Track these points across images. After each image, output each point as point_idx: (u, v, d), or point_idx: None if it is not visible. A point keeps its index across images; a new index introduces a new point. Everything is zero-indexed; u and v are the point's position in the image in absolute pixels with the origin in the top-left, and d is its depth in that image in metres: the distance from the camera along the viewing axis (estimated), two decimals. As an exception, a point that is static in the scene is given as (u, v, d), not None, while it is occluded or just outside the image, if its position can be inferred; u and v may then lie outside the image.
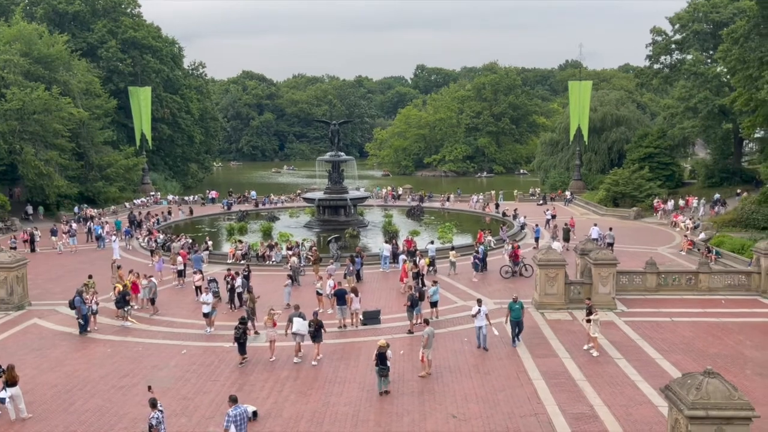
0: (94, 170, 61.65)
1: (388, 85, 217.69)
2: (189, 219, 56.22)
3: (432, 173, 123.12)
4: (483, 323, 21.51)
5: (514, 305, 22.12)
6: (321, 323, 21.11)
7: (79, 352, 22.15)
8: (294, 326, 20.74)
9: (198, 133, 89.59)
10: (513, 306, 22.10)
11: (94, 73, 67.85)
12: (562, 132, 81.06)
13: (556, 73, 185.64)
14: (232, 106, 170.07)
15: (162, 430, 14.43)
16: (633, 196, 56.47)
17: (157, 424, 14.30)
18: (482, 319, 21.50)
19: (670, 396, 12.19)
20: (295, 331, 20.70)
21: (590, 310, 21.82)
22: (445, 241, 41.29)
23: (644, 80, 69.33)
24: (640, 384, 18.61)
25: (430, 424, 16.33)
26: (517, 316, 21.98)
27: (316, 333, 20.75)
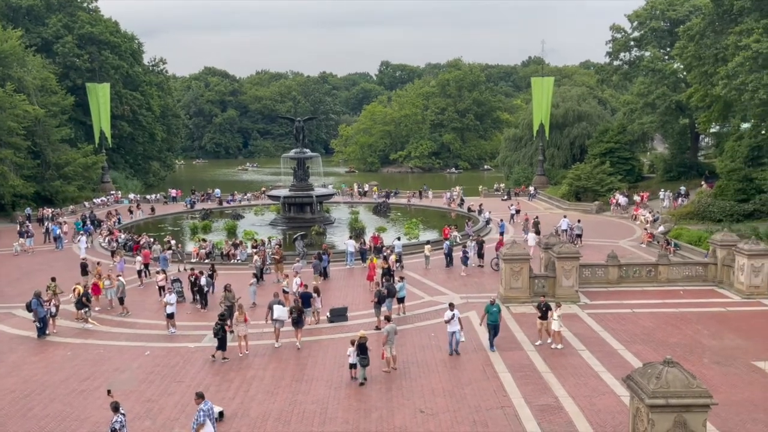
0: (51, 169, 59.93)
1: (352, 81, 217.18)
2: (151, 218, 55.16)
3: (398, 169, 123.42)
4: (456, 328, 20.53)
5: (491, 308, 21.16)
6: (302, 309, 22.21)
7: (37, 356, 21.54)
8: (275, 313, 21.65)
9: (159, 130, 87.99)
10: (490, 309, 21.15)
11: (49, 69, 65.95)
12: (526, 128, 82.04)
13: (519, 69, 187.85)
14: (194, 103, 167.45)
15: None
16: (595, 190, 57.53)
17: (120, 428, 14.01)
18: (456, 324, 20.52)
19: (631, 385, 12.46)
20: (276, 318, 21.63)
21: (548, 306, 21.52)
22: (412, 237, 41.44)
23: (604, 77, 70.59)
24: (603, 375, 18.98)
25: (398, 419, 16.37)
26: (494, 319, 21.08)
27: (298, 319, 21.78)
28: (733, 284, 27.94)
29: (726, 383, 18.18)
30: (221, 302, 23.20)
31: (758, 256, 26.81)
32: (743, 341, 21.76)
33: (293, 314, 21.87)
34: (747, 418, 16.06)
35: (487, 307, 21.35)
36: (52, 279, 27.02)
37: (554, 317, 21.21)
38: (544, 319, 21.41)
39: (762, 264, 26.82)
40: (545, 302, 21.63)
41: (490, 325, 21.11)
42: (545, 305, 21.46)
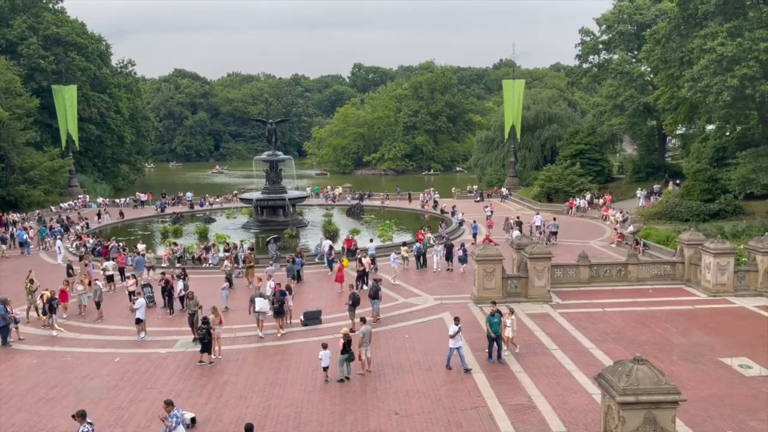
0: (16, 173, 58.55)
1: (325, 83, 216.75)
2: (120, 222, 54.20)
3: (371, 172, 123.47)
4: (461, 344, 19.61)
5: (492, 319, 20.13)
6: (283, 300, 23.25)
7: (2, 364, 20.97)
8: (257, 306, 22.76)
9: (128, 133, 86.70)
10: (492, 320, 20.10)
11: (13, 71, 64.53)
12: (498, 130, 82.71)
13: (491, 72, 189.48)
14: (164, 105, 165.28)
15: None
16: (566, 191, 58.25)
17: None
18: (460, 339, 19.60)
19: (602, 383, 12.62)
20: (258, 310, 22.72)
21: (500, 312, 20.69)
22: (386, 239, 41.43)
23: (574, 79, 71.62)
24: (575, 373, 19.20)
25: (373, 421, 16.32)
26: (496, 330, 20.09)
27: (280, 309, 23.03)
28: (700, 282, 28.51)
29: (694, 379, 18.53)
30: (183, 309, 22.70)
31: (724, 255, 27.41)
32: (710, 338, 22.21)
33: (275, 305, 23.09)
34: (714, 413, 16.39)
35: (489, 318, 20.29)
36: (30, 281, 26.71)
37: (507, 323, 20.56)
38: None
39: (727, 262, 27.42)
40: (497, 309, 20.75)
41: (489, 337, 20.13)
42: (497, 312, 20.64)
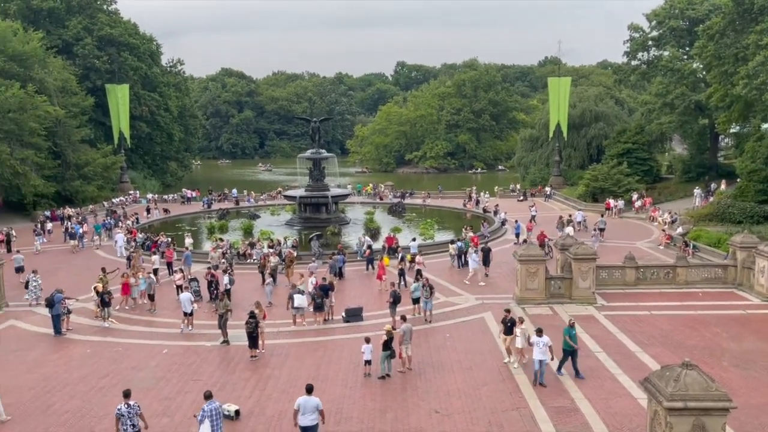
0: (72, 169, 60.71)
1: (368, 82, 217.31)
2: (168, 218, 55.63)
3: (413, 170, 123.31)
4: (545, 357, 18.27)
5: (571, 331, 18.98)
6: (327, 295, 24.05)
7: (57, 353, 21.85)
8: (295, 302, 23.52)
9: (177, 130, 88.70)
10: (570, 332, 18.94)
11: (70, 71, 66.81)
12: (542, 128, 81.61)
13: (536, 69, 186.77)
14: (211, 104, 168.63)
15: (125, 425, 14.02)
16: (612, 191, 57.03)
17: (119, 416, 14.05)
18: (544, 351, 18.27)
19: (649, 388, 12.36)
20: (297, 306, 23.55)
21: (513, 321, 20.05)
22: (427, 238, 41.41)
23: (622, 76, 69.98)
24: (620, 377, 18.84)
25: (413, 419, 16.38)
26: (575, 343, 18.98)
27: (321, 304, 23.80)
28: (753, 287, 27.57)
29: (745, 386, 17.96)
30: (216, 309, 22.99)
31: (779, 259, 26.44)
32: (764, 344, 21.47)
33: (315, 300, 23.84)
34: (767, 421, 15.86)
35: (567, 330, 19.08)
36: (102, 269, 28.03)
37: (517, 333, 19.65)
38: (509, 334, 19.93)
39: (783, 266, 26.45)
40: (510, 317, 20.15)
41: (567, 350, 18.91)
42: (510, 320, 20.00)
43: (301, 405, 14.56)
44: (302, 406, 14.53)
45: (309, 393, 14.72)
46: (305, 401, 14.57)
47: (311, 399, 14.62)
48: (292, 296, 23.88)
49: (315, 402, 14.63)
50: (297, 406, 14.63)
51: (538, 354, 18.16)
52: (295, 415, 14.65)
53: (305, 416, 14.48)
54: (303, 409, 14.52)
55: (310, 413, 14.51)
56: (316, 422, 14.60)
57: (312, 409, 14.53)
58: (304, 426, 14.55)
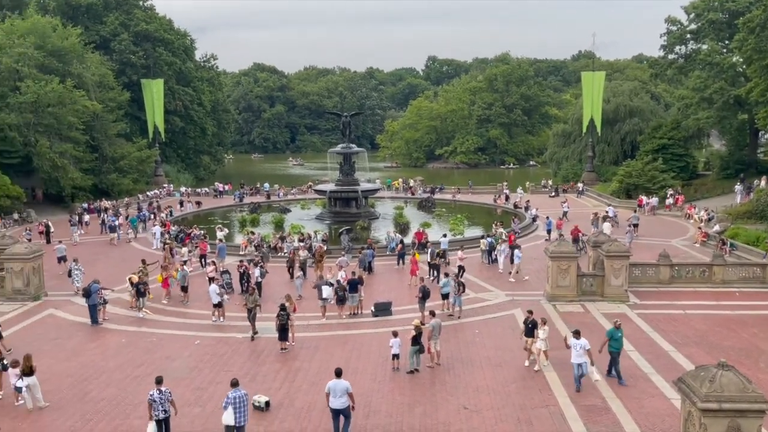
0: (108, 162, 62.09)
1: (399, 76, 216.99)
2: (201, 211, 56.48)
3: (443, 165, 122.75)
4: (583, 360, 17.67)
5: (616, 333, 18.39)
6: (346, 289, 24.53)
7: (94, 342, 22.42)
8: (324, 293, 24.23)
9: (210, 125, 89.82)
10: (615, 334, 18.38)
11: (107, 66, 68.26)
12: (575, 123, 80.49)
13: (569, 63, 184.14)
14: (243, 98, 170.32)
15: (157, 410, 14.50)
16: (646, 188, 55.99)
17: (151, 402, 14.50)
18: (582, 355, 17.69)
19: (683, 388, 12.16)
20: (325, 297, 24.17)
21: (534, 323, 19.47)
22: (457, 234, 41.25)
23: (658, 71, 68.59)
24: (653, 376, 18.55)
25: (441, 415, 16.39)
26: (618, 346, 18.35)
27: (343, 297, 24.24)
28: (793, 287, 26.84)
29: (784, 389, 17.51)
30: (245, 303, 23.14)
31: (821, 258, 25.67)
32: (803, 346, 20.90)
33: (338, 293, 24.32)
34: (806, 426, 15.44)
35: (611, 332, 18.51)
36: (142, 262, 28.81)
37: (540, 335, 19.23)
38: (530, 336, 19.48)
39: (825, 266, 25.67)
40: (532, 318, 19.70)
41: (614, 352, 18.32)
42: (531, 322, 19.56)
43: (331, 388, 15.08)
44: (332, 389, 15.04)
45: (338, 376, 15.26)
46: (335, 384, 15.07)
47: (341, 382, 15.11)
48: (320, 287, 24.43)
49: (344, 385, 15.07)
50: (327, 389, 15.18)
51: (575, 357, 17.65)
52: (327, 398, 15.20)
53: (335, 399, 15.00)
54: (333, 392, 15.02)
55: (340, 396, 14.99)
56: (347, 404, 15.08)
57: (342, 392, 15.00)
58: (335, 408, 15.03)
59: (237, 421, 14.27)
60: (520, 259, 30.67)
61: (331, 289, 24.50)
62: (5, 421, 15.75)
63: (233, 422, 14.26)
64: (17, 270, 27.14)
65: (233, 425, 14.29)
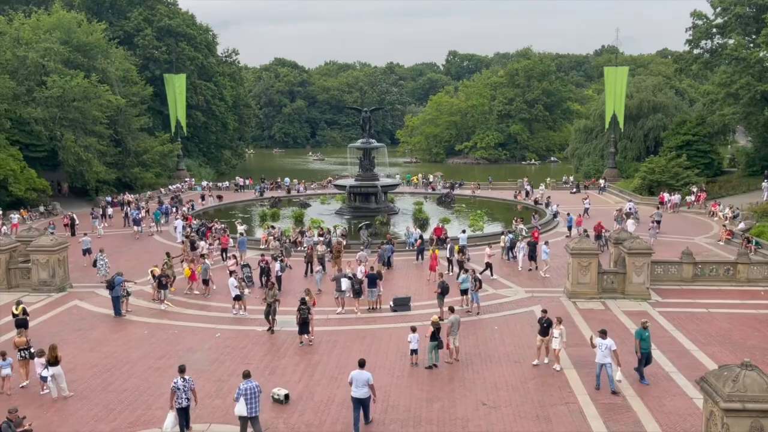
0: (131, 156, 62.84)
1: (419, 71, 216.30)
2: (221, 205, 56.97)
3: (463, 160, 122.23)
4: (608, 361, 17.38)
5: (644, 333, 18.02)
6: (362, 281, 24.74)
7: (117, 333, 22.77)
8: (342, 285, 24.49)
9: (231, 120, 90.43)
10: (644, 334, 17.99)
11: (130, 61, 69.06)
12: (597, 119, 79.66)
13: (592, 58, 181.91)
14: (264, 93, 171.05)
15: (180, 398, 14.85)
16: (669, 184, 55.24)
17: (174, 389, 14.83)
18: (607, 355, 17.38)
19: (705, 388, 12.03)
20: (344, 289, 24.47)
21: (549, 322, 19.09)
22: (476, 229, 41.11)
23: (683, 66, 67.41)
24: (674, 375, 18.36)
25: (460, 410, 16.39)
26: (647, 346, 17.98)
27: (359, 290, 24.44)
28: (820, 286, 26.33)
29: (809, 390, 17.20)
30: (265, 298, 23.17)
31: None
32: (830, 347, 20.52)
33: (355, 286, 24.52)
34: (832, 427, 15.17)
35: (639, 332, 18.13)
36: (167, 254, 29.24)
37: (555, 334, 18.86)
38: (544, 335, 19.16)
39: None
40: (547, 317, 19.31)
41: (643, 352, 17.97)
42: (546, 320, 19.20)
43: (353, 378, 15.40)
44: (354, 379, 15.36)
45: (361, 367, 15.62)
46: (357, 374, 15.42)
47: (363, 373, 15.44)
48: (338, 279, 24.76)
49: (366, 376, 15.40)
50: (350, 379, 15.52)
51: (600, 357, 17.35)
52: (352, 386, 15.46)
53: (357, 389, 15.30)
54: (355, 382, 15.34)
55: (362, 386, 15.29)
56: (368, 395, 15.36)
57: (363, 383, 15.29)
58: (356, 398, 15.30)
59: (249, 411, 14.47)
60: (548, 255, 30.35)
61: (348, 281, 24.75)
62: (31, 410, 16.09)
63: (245, 413, 14.46)
64: (43, 261, 27.65)
65: (246, 416, 14.49)
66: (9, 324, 22.69)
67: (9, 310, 23.54)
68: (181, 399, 14.89)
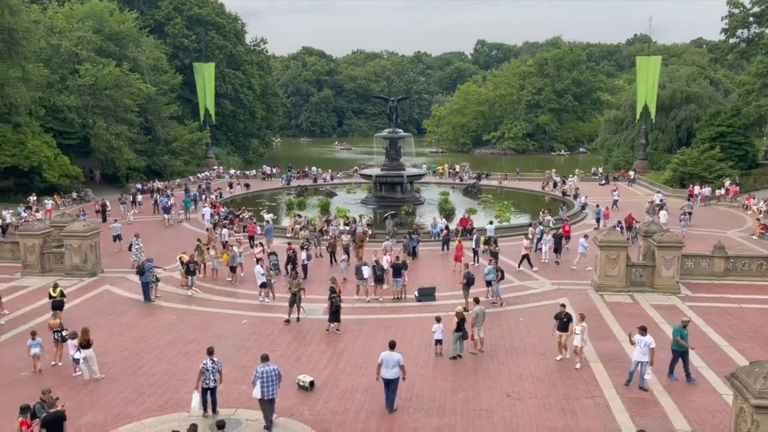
0: (161, 144, 63.73)
1: (447, 60, 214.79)
2: (248, 193, 57.49)
3: (490, 151, 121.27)
4: (645, 359, 16.94)
5: (682, 331, 17.52)
6: (384, 269, 25.29)
7: (146, 318, 23.21)
8: (364, 273, 24.71)
9: (259, 108, 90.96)
10: (682, 332, 17.49)
11: (161, 50, 69.87)
12: (628, 109, 78.30)
13: (623, 48, 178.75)
14: (292, 82, 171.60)
15: (208, 379, 15.25)
16: (702, 177, 54.14)
17: (203, 370, 15.22)
18: (646, 353, 16.93)
19: (735, 384, 11.84)
20: (366, 277, 24.69)
21: (569, 317, 18.85)
22: (503, 221, 40.85)
23: (718, 55, 65.87)
24: (704, 371, 18.07)
25: (484, 401, 16.38)
26: (682, 345, 17.50)
27: (381, 277, 24.92)
28: None
29: (844, 389, 16.78)
30: (290, 288, 23.17)
31: None
32: None
33: (376, 273, 24.89)
34: None
35: (678, 330, 17.59)
36: (198, 240, 29.72)
37: (576, 331, 18.36)
38: (564, 330, 18.73)
39: None
40: (566, 312, 18.97)
41: (678, 350, 17.50)
42: (566, 315, 18.82)
43: (384, 359, 15.70)
44: (385, 360, 15.68)
45: (392, 348, 15.97)
46: (388, 355, 15.73)
47: (393, 354, 15.78)
48: (359, 268, 25.01)
49: (396, 357, 15.73)
50: (380, 360, 15.81)
51: (638, 355, 16.90)
52: (378, 368, 15.84)
53: (388, 369, 15.65)
54: (386, 362, 15.65)
55: (392, 366, 15.64)
56: (398, 376, 15.70)
57: (394, 363, 15.63)
58: (386, 378, 15.66)
59: (265, 394, 14.71)
60: (586, 248, 29.66)
61: (370, 269, 24.97)
62: (63, 391, 16.51)
63: (261, 395, 14.71)
64: (75, 247, 28.26)
65: (262, 398, 14.75)
66: (43, 307, 23.31)
67: (43, 293, 24.20)
68: (208, 380, 15.34)
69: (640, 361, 16.93)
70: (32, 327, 20.04)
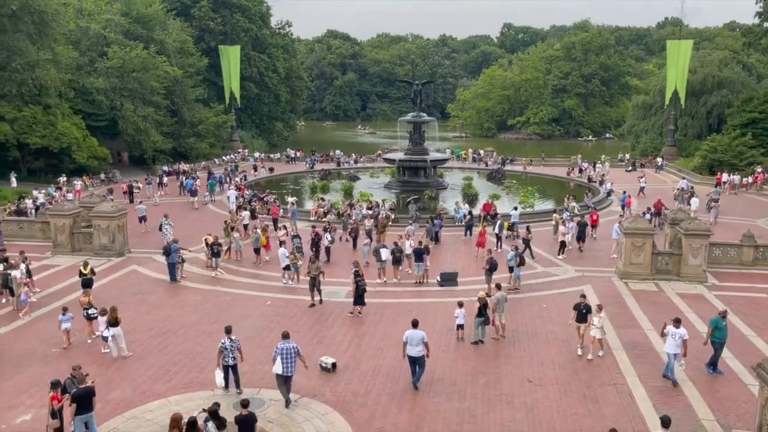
0: (187, 126, 64.24)
1: (472, 44, 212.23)
2: (272, 176, 57.83)
3: (515, 136, 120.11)
4: (677, 350, 16.50)
5: (721, 322, 17.08)
6: (402, 250, 25.71)
7: (173, 298, 23.62)
8: (382, 255, 25.14)
9: (284, 92, 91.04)
10: (720, 323, 17.07)
11: (187, 33, 70.25)
12: (657, 95, 76.71)
13: (654, 31, 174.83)
14: (316, 66, 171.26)
15: (227, 357, 15.67)
16: (732, 164, 53.03)
17: (222, 349, 15.61)
18: (679, 345, 16.46)
19: (762, 374, 11.70)
20: (384, 259, 25.15)
21: (588, 308, 18.43)
22: (527, 206, 40.57)
23: (752, 39, 64.17)
24: (729, 361, 17.84)
25: (505, 386, 16.41)
26: (723, 336, 17.06)
27: (399, 258, 25.39)
28: None
29: None
30: (309, 272, 23.07)
31: None
32: None
33: (395, 254, 25.39)
34: None
35: (715, 320, 17.15)
36: (225, 222, 30.19)
37: (594, 322, 18.05)
38: (582, 321, 18.37)
39: None
40: (585, 303, 18.61)
41: (717, 342, 17.07)
42: (585, 306, 18.46)
43: (408, 337, 16.09)
44: (409, 338, 16.06)
45: (415, 327, 16.23)
46: (412, 333, 16.07)
47: (417, 332, 16.09)
48: (378, 250, 25.54)
49: (420, 335, 16.06)
50: (405, 338, 16.18)
51: (671, 347, 16.45)
52: (404, 347, 16.18)
53: (412, 347, 16.01)
54: (410, 340, 16.04)
55: (417, 344, 15.97)
56: (423, 353, 16.07)
57: (418, 341, 15.95)
58: (411, 356, 16.09)
59: (284, 370, 15.03)
60: (620, 235, 28.92)
61: (388, 251, 25.35)
62: (93, 367, 16.92)
63: (281, 371, 15.05)
64: (104, 227, 28.79)
65: (281, 374, 15.09)
66: (73, 286, 23.85)
67: (73, 272, 24.73)
68: (228, 358, 15.73)
69: (672, 353, 16.53)
70: (62, 305, 20.54)
